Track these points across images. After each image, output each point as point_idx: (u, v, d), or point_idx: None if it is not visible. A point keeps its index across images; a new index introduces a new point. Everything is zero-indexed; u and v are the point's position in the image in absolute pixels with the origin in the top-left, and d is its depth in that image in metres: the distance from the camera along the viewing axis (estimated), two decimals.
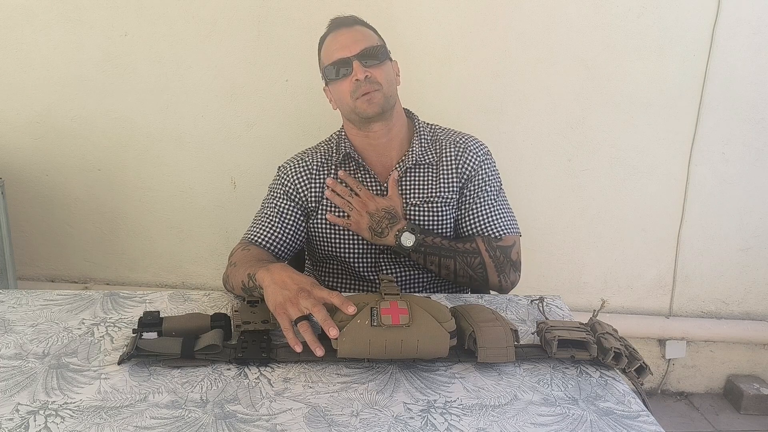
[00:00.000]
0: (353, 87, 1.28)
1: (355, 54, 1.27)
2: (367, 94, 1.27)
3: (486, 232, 1.35)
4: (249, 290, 1.14)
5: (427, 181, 1.37)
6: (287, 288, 1.03)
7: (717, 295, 2.38)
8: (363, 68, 1.27)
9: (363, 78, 1.26)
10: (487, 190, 1.39)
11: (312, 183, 1.38)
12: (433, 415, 0.87)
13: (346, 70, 1.28)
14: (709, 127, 2.18)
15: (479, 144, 1.43)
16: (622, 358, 1.00)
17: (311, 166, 1.39)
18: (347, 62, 1.28)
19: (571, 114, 2.15)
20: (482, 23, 2.05)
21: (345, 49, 1.28)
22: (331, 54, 1.31)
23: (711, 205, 2.27)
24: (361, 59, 1.27)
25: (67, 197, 2.20)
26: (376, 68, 1.29)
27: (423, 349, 0.97)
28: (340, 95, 1.32)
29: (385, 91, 1.29)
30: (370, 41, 1.31)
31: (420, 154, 1.37)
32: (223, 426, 0.83)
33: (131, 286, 2.29)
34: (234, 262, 1.26)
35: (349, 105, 1.30)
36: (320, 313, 0.98)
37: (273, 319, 1.07)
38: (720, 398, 2.45)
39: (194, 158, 2.16)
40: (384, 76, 1.30)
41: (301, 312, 0.99)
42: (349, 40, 1.30)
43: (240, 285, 1.17)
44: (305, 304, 0.99)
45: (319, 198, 1.37)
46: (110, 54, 2.06)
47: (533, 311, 1.25)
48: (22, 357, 0.98)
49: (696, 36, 2.09)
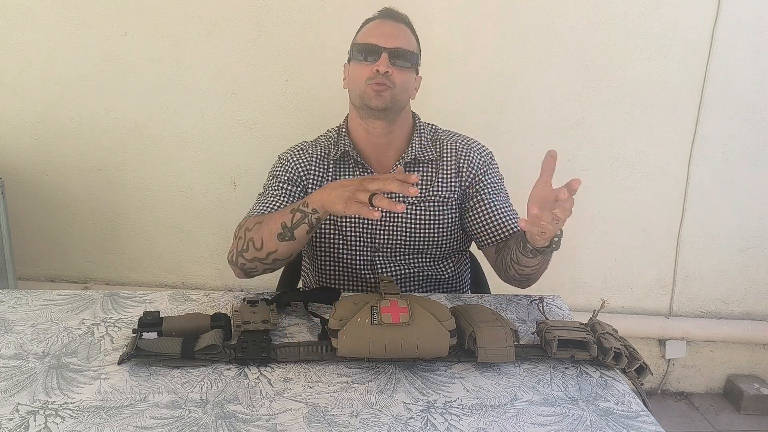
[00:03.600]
0: (371, 74, 1.28)
1: (389, 47, 1.28)
2: (380, 85, 1.27)
3: (517, 229, 1.35)
4: (293, 227, 1.16)
5: (426, 179, 1.37)
6: (345, 185, 1.08)
7: (717, 295, 2.38)
8: (388, 64, 1.27)
9: (383, 71, 1.26)
10: (502, 193, 1.41)
11: (312, 172, 1.38)
12: (433, 415, 0.87)
13: (373, 58, 1.28)
14: (709, 127, 2.18)
15: (482, 146, 1.43)
16: (622, 358, 1.00)
17: (312, 157, 1.40)
18: (377, 51, 1.28)
19: (571, 114, 2.15)
20: (482, 23, 2.05)
21: (381, 38, 1.29)
22: (367, 36, 1.32)
23: (711, 205, 2.27)
24: (391, 55, 1.28)
25: (67, 197, 2.20)
26: (400, 70, 1.29)
27: (423, 348, 0.97)
28: (356, 77, 1.31)
29: (397, 93, 1.29)
30: (408, 45, 1.32)
31: (420, 151, 1.37)
32: (223, 426, 0.83)
33: (131, 286, 2.29)
34: (249, 227, 1.25)
35: (360, 88, 1.30)
36: (392, 183, 1.01)
37: (273, 318, 1.07)
38: (720, 398, 2.45)
39: (194, 158, 2.16)
40: (402, 81, 1.30)
41: (369, 193, 1.04)
42: (390, 33, 1.30)
43: (276, 232, 1.18)
44: (372, 187, 1.04)
45: (316, 188, 1.36)
46: (110, 54, 2.06)
47: (533, 311, 1.25)
48: (22, 357, 0.98)
49: (696, 36, 2.09)
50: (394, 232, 1.36)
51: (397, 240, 1.36)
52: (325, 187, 1.14)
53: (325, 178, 1.38)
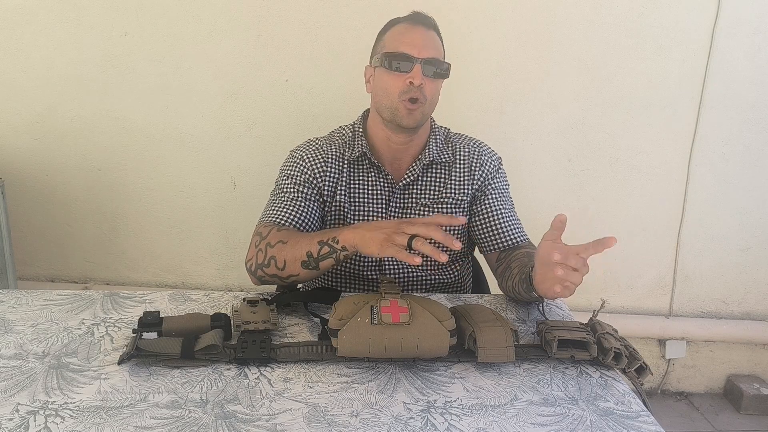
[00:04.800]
0: (405, 87, 1.24)
1: (423, 58, 1.24)
2: (413, 102, 1.24)
3: (522, 240, 1.36)
4: (318, 258, 1.15)
5: (440, 181, 1.37)
6: (382, 227, 1.07)
7: (717, 295, 2.38)
8: (422, 75, 1.24)
9: (418, 84, 1.23)
10: (508, 200, 1.40)
11: (327, 173, 1.35)
12: (433, 415, 0.87)
13: (407, 68, 1.24)
14: (709, 127, 2.18)
15: (492, 151, 1.43)
16: (622, 358, 1.00)
17: (327, 156, 1.36)
18: (411, 61, 1.24)
19: (571, 114, 2.15)
20: (482, 23, 2.05)
21: (415, 48, 1.24)
22: (397, 43, 1.26)
23: (711, 205, 2.27)
24: (425, 66, 1.24)
25: (67, 197, 2.20)
26: (432, 82, 1.26)
27: (423, 348, 0.97)
28: (386, 87, 1.27)
29: (426, 108, 1.28)
30: (440, 53, 1.29)
31: (436, 153, 1.37)
32: (223, 426, 0.83)
33: (131, 286, 2.29)
34: (271, 242, 1.21)
35: (392, 102, 1.26)
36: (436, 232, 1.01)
37: (273, 318, 1.07)
38: (720, 398, 2.45)
39: (194, 158, 2.16)
40: (433, 93, 1.28)
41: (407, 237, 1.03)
42: (423, 41, 1.26)
43: (300, 259, 1.16)
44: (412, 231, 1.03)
45: (331, 190, 1.35)
46: (110, 54, 2.06)
47: (533, 311, 1.25)
48: (22, 357, 0.98)
49: (696, 36, 2.09)
50: None
51: None
52: (359, 227, 1.12)
53: (340, 179, 1.35)
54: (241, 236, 2.23)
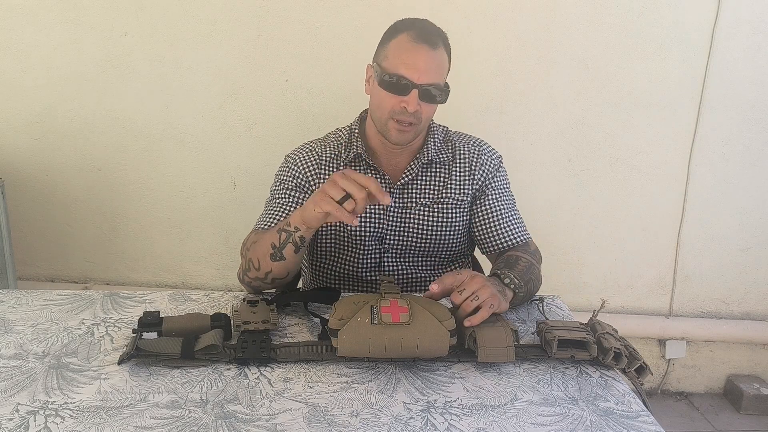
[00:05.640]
0: (399, 108, 1.22)
1: (421, 84, 1.20)
2: (403, 124, 1.23)
3: (521, 240, 1.36)
4: (281, 247, 1.15)
5: (439, 181, 1.36)
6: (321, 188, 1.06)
7: (717, 295, 2.38)
8: (418, 102, 1.21)
9: (412, 111, 1.21)
10: (509, 198, 1.40)
11: (322, 176, 1.35)
12: (433, 415, 0.87)
13: (402, 91, 1.21)
14: (709, 127, 2.18)
15: (492, 149, 1.42)
16: (622, 358, 1.00)
17: (321, 159, 1.36)
18: (408, 85, 1.20)
19: (571, 114, 2.15)
20: (482, 23, 2.05)
21: (415, 72, 1.19)
22: (398, 63, 1.20)
23: (711, 205, 2.27)
24: (422, 92, 1.20)
25: (67, 197, 2.20)
26: (428, 106, 1.24)
27: (423, 348, 0.97)
28: (380, 102, 1.25)
29: (420, 128, 1.27)
30: (440, 77, 1.24)
31: (435, 152, 1.36)
32: (223, 426, 0.83)
33: (131, 286, 2.29)
34: (248, 246, 1.25)
35: (383, 117, 1.25)
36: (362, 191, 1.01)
37: (273, 318, 1.07)
38: (720, 398, 2.45)
39: (194, 158, 2.16)
40: (429, 114, 1.26)
41: (342, 192, 1.02)
42: (425, 64, 1.20)
43: (268, 252, 1.17)
44: (343, 183, 1.02)
45: None
46: (110, 54, 2.06)
47: (533, 311, 1.25)
48: (22, 357, 0.98)
49: (696, 36, 2.09)
50: (405, 233, 1.35)
51: (408, 242, 1.36)
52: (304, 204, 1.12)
53: None
54: (241, 236, 2.20)
